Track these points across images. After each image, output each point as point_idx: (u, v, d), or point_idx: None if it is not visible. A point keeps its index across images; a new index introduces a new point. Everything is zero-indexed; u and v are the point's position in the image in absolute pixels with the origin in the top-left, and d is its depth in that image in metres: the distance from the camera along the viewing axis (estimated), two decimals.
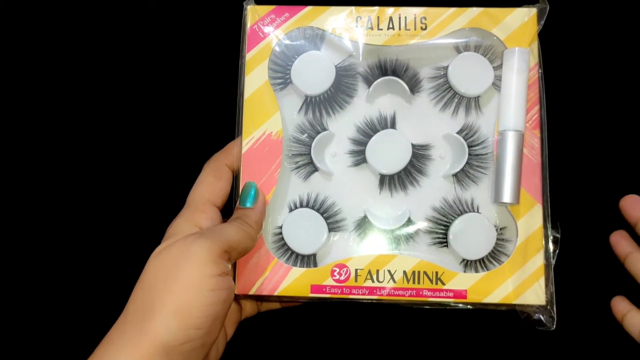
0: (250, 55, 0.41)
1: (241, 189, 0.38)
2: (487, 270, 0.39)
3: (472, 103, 0.41)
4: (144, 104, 0.48)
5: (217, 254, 0.31)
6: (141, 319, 0.30)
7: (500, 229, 0.39)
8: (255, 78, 0.40)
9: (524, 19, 0.40)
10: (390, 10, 0.41)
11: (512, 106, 0.38)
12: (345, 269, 0.38)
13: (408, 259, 0.38)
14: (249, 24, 0.41)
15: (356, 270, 0.38)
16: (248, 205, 0.37)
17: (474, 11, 0.40)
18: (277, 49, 0.41)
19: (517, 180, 0.37)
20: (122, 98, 0.48)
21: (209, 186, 0.37)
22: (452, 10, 0.40)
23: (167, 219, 0.36)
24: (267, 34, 0.41)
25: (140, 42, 0.48)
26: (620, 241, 0.39)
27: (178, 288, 0.30)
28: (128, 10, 0.48)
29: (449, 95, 0.41)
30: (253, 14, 0.41)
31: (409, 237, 0.39)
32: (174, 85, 0.48)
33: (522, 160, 0.38)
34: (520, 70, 0.38)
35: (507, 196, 0.37)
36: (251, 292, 0.38)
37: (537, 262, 0.38)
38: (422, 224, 0.40)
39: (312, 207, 0.40)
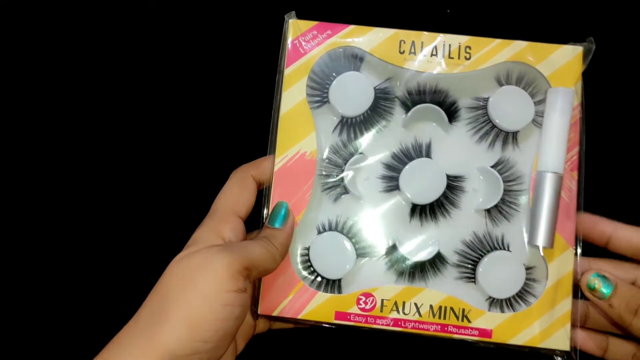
0: (289, 71, 0.40)
1: (272, 208, 0.38)
2: (513, 309, 0.38)
3: (510, 137, 0.40)
4: (175, 110, 0.47)
5: (237, 269, 0.31)
6: (152, 325, 0.30)
7: (529, 268, 0.39)
8: (292, 95, 0.39)
9: (570, 57, 0.39)
10: (435, 37, 0.40)
11: (552, 148, 0.38)
12: (371, 298, 0.38)
13: (436, 293, 0.38)
14: (290, 39, 0.40)
15: (382, 300, 0.38)
16: (277, 225, 0.36)
17: (519, 44, 0.40)
18: (317, 66, 0.40)
19: (553, 224, 0.37)
20: (151, 106, 0.47)
21: (233, 196, 0.37)
22: (497, 41, 0.40)
23: (181, 224, 0.37)
24: (307, 51, 0.40)
25: (177, 49, 0.47)
26: None
27: (192, 298, 0.30)
28: (163, 18, 0.47)
29: (487, 127, 0.40)
30: (294, 28, 0.40)
31: (437, 270, 0.39)
32: (208, 92, 0.47)
33: (559, 203, 0.37)
34: (564, 111, 0.38)
35: (541, 240, 0.37)
36: (274, 314, 0.38)
37: (565, 306, 0.37)
38: (450, 257, 0.39)
39: (341, 231, 0.39)
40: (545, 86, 0.40)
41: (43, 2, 0.47)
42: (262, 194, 0.39)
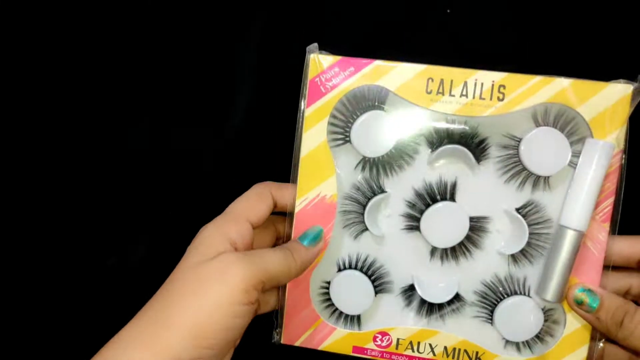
0: (310, 111, 0.38)
1: (309, 229, 0.38)
2: (530, 349, 0.39)
3: (541, 180, 0.38)
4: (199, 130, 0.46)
5: (252, 283, 0.32)
6: (157, 327, 0.31)
7: (549, 310, 0.39)
8: (313, 136, 0.39)
9: (616, 98, 0.36)
10: (468, 75, 0.37)
11: (578, 204, 0.36)
12: (387, 337, 0.40)
13: (450, 336, 0.39)
14: (310, 76, 0.38)
15: (398, 339, 0.40)
16: (305, 243, 0.37)
17: (561, 83, 0.36)
18: (339, 105, 0.38)
19: (565, 280, 0.36)
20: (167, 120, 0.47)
21: (249, 203, 0.37)
22: (536, 79, 0.36)
23: (183, 226, 0.37)
24: (329, 89, 0.38)
25: (191, 69, 0.46)
26: None
27: (202, 307, 0.30)
28: (177, 38, 0.45)
29: (518, 168, 0.38)
30: (315, 65, 0.38)
31: (455, 309, 0.40)
32: (226, 124, 0.46)
33: (574, 260, 0.36)
34: (599, 166, 0.35)
35: (549, 295, 0.36)
36: (296, 344, 0.41)
37: (580, 355, 0.38)
38: (469, 297, 0.40)
39: (361, 269, 0.40)
40: (585, 126, 0.37)
41: (43, 2, 0.46)
42: (282, 238, 0.40)
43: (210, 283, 0.31)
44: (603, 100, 0.36)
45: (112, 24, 0.45)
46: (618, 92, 0.36)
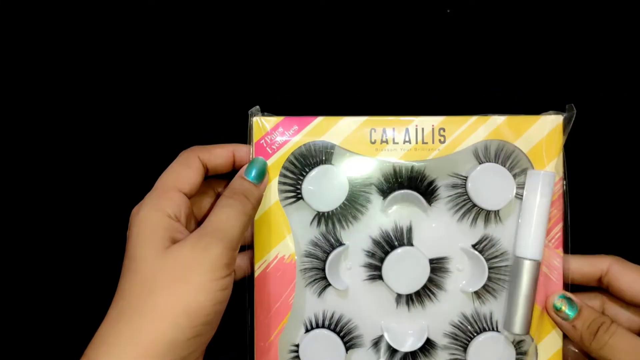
0: None
1: (251, 161, 0.37)
2: None
3: (491, 214, 0.39)
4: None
5: (229, 256, 0.32)
6: (144, 318, 0.30)
7: (519, 342, 0.39)
8: (265, 197, 0.38)
9: (549, 128, 0.38)
10: (407, 122, 0.38)
11: (531, 234, 0.37)
12: None
13: None
14: (254, 139, 0.38)
15: None
16: (255, 181, 0.36)
17: (496, 120, 0.38)
18: (287, 164, 0.39)
19: (529, 311, 0.37)
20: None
21: (175, 173, 0.36)
22: (473, 119, 0.38)
23: None
24: (275, 150, 0.38)
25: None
26: None
27: (190, 289, 0.31)
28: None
29: (468, 206, 0.39)
30: (258, 127, 0.38)
31: (428, 354, 0.39)
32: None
33: (536, 289, 0.37)
34: (544, 195, 0.37)
35: (517, 327, 0.37)
36: None
37: None
38: (440, 340, 0.39)
39: (329, 327, 0.40)
40: (525, 158, 0.38)
41: (43, 2, 0.45)
42: (245, 300, 0.38)
43: (192, 266, 0.31)
44: (537, 132, 0.38)
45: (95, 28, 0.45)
46: (550, 123, 0.38)
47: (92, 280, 0.44)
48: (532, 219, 0.37)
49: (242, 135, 0.39)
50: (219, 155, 0.37)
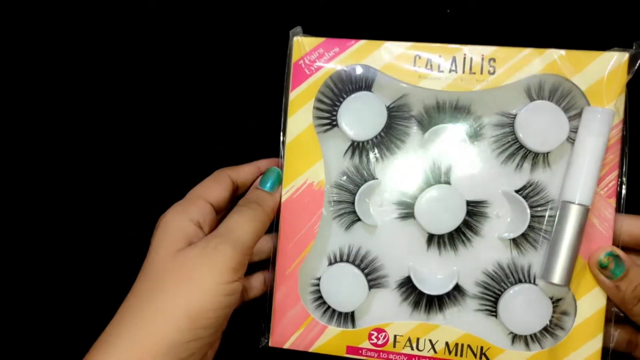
0: (294, 95, 0.37)
1: (266, 171, 0.37)
2: (539, 344, 0.36)
3: (540, 158, 0.36)
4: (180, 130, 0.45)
5: (238, 261, 0.32)
6: (148, 320, 0.30)
7: (557, 300, 0.36)
8: (298, 120, 0.37)
9: (612, 66, 0.34)
10: (455, 50, 0.36)
11: (581, 177, 0.33)
12: (383, 334, 0.37)
13: (452, 330, 0.36)
14: (293, 59, 0.37)
15: (395, 336, 0.36)
16: (268, 189, 0.37)
17: (552, 53, 0.35)
18: (324, 88, 0.37)
19: (572, 261, 0.34)
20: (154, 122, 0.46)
21: (205, 186, 0.37)
22: (527, 51, 0.35)
23: None
24: (313, 71, 0.37)
25: (182, 62, 0.45)
26: None
27: (194, 290, 0.31)
28: (170, 33, 0.45)
29: (515, 147, 0.36)
30: (299, 47, 0.37)
31: (456, 302, 0.37)
32: (215, 111, 0.45)
33: (581, 239, 0.34)
34: (599, 136, 0.33)
35: (556, 277, 0.34)
36: (285, 346, 0.38)
37: (594, 346, 0.35)
38: (470, 289, 0.37)
39: (353, 262, 0.38)
40: (583, 99, 0.35)
41: (43, 2, 0.46)
42: (272, 227, 0.37)
43: (199, 268, 0.31)
44: (598, 70, 0.34)
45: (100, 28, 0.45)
46: (614, 60, 0.34)
47: (103, 281, 0.45)
48: (584, 159, 0.34)
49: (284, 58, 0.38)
50: (246, 171, 0.38)
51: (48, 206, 0.46)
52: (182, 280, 0.31)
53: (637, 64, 0.34)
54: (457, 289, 0.37)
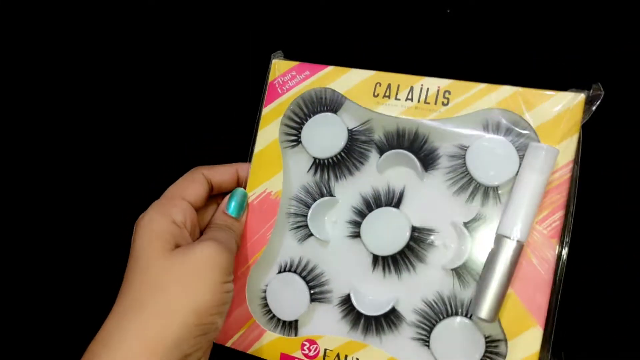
0: (266, 111, 0.41)
1: (231, 194, 0.39)
2: None
3: (490, 192, 0.36)
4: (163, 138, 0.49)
5: (231, 262, 0.35)
6: (152, 317, 0.31)
7: (495, 341, 0.35)
8: (267, 134, 0.40)
9: (567, 105, 0.34)
10: (414, 80, 0.37)
11: (518, 211, 0.33)
12: (315, 346, 0.37)
13: (380, 352, 0.36)
14: (270, 79, 0.41)
15: (325, 350, 0.37)
16: (235, 215, 0.39)
17: (506, 90, 0.35)
18: (294, 106, 0.40)
19: (500, 297, 0.32)
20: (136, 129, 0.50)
21: (181, 186, 0.38)
22: (482, 86, 0.36)
23: None
24: (285, 91, 0.40)
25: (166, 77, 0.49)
26: None
27: (200, 288, 0.33)
28: (159, 45, 0.49)
29: (466, 179, 0.37)
30: (275, 69, 0.41)
31: (393, 327, 0.37)
32: (196, 125, 0.48)
33: (512, 275, 0.33)
34: (541, 172, 0.33)
35: (483, 311, 0.32)
36: (227, 344, 0.39)
37: None
38: (409, 316, 0.37)
39: (300, 273, 0.39)
40: (534, 135, 0.35)
41: (43, 2, 0.49)
42: None
43: (201, 268, 0.33)
44: (552, 108, 0.34)
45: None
46: (568, 100, 0.34)
47: (92, 280, 0.47)
48: (523, 195, 0.33)
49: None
50: (222, 172, 0.39)
51: (48, 206, 0.49)
52: (188, 278, 0.32)
53: (595, 106, 0.34)
54: (396, 314, 0.37)
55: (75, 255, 0.49)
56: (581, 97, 0.34)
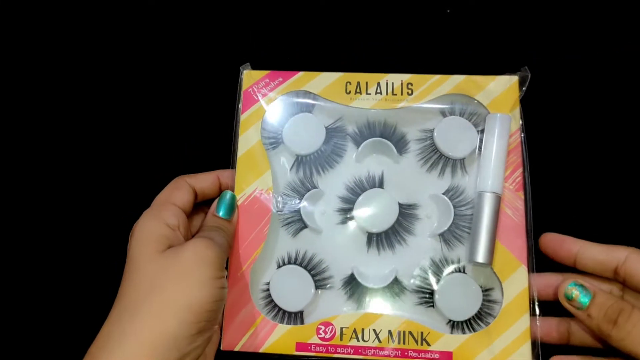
0: (244, 116, 0.42)
1: (220, 197, 0.40)
2: (474, 331, 0.38)
3: (457, 165, 0.42)
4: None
5: (223, 259, 0.36)
6: (149, 317, 0.31)
7: (487, 289, 0.39)
8: (248, 138, 0.42)
9: (505, 86, 0.42)
10: (378, 77, 0.43)
11: (490, 169, 0.39)
12: (330, 327, 0.38)
13: (394, 318, 0.38)
14: (244, 88, 0.43)
15: (341, 328, 0.38)
16: (227, 217, 0.39)
17: (457, 78, 0.42)
18: (271, 111, 0.43)
19: (492, 242, 0.38)
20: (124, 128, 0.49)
21: (170, 193, 0.39)
22: (436, 77, 0.43)
23: None
24: (261, 97, 0.43)
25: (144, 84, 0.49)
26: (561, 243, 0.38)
27: (194, 285, 0.33)
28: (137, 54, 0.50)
29: (436, 156, 0.42)
30: (248, 78, 0.43)
31: (396, 296, 0.40)
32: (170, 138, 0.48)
33: (497, 222, 0.39)
34: (501, 136, 0.40)
35: (480, 256, 0.38)
36: (236, 349, 0.38)
37: (524, 324, 0.38)
38: (409, 284, 0.40)
39: (300, 264, 0.41)
40: (486, 112, 0.42)
41: (43, 2, 0.49)
42: None
43: (194, 265, 0.33)
44: (495, 89, 0.42)
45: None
46: (506, 81, 0.42)
47: (92, 283, 0.45)
48: (491, 155, 0.40)
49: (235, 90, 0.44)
50: (204, 179, 0.41)
51: (48, 206, 0.47)
52: (180, 276, 0.33)
53: (526, 84, 0.42)
54: (397, 284, 0.40)
55: (74, 254, 0.46)
56: (515, 78, 0.42)
